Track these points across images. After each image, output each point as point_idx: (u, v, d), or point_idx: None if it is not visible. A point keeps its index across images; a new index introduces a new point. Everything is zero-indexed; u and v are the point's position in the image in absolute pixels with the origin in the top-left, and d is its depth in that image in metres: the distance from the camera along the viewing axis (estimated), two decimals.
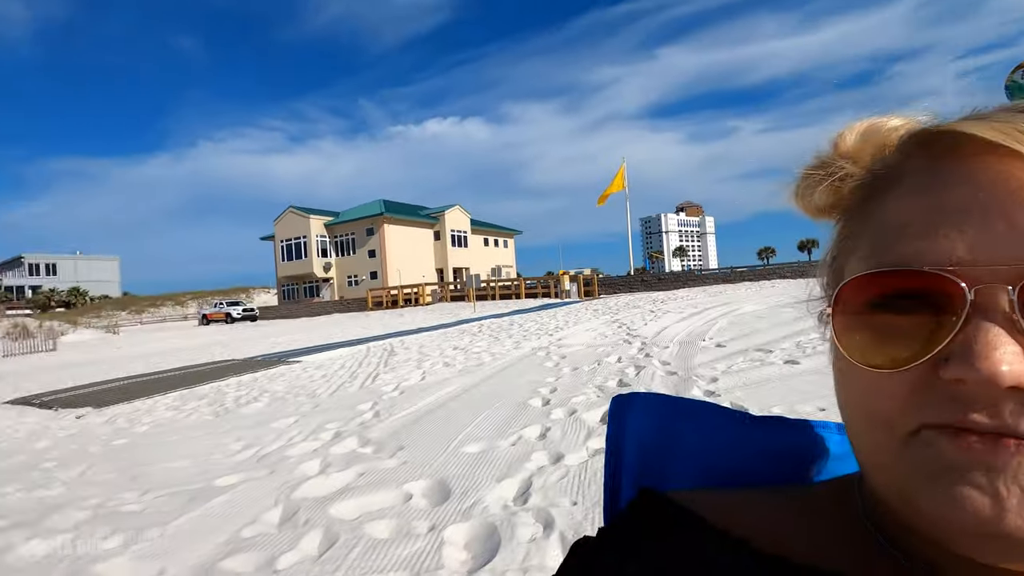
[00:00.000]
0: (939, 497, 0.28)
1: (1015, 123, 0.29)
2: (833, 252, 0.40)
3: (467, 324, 15.25)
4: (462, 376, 6.45)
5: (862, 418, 0.33)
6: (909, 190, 0.32)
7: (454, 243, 53.91)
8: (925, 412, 0.29)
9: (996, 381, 0.26)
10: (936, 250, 0.29)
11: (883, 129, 0.38)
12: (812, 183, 0.41)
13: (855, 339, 0.32)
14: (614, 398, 0.59)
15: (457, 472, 3.13)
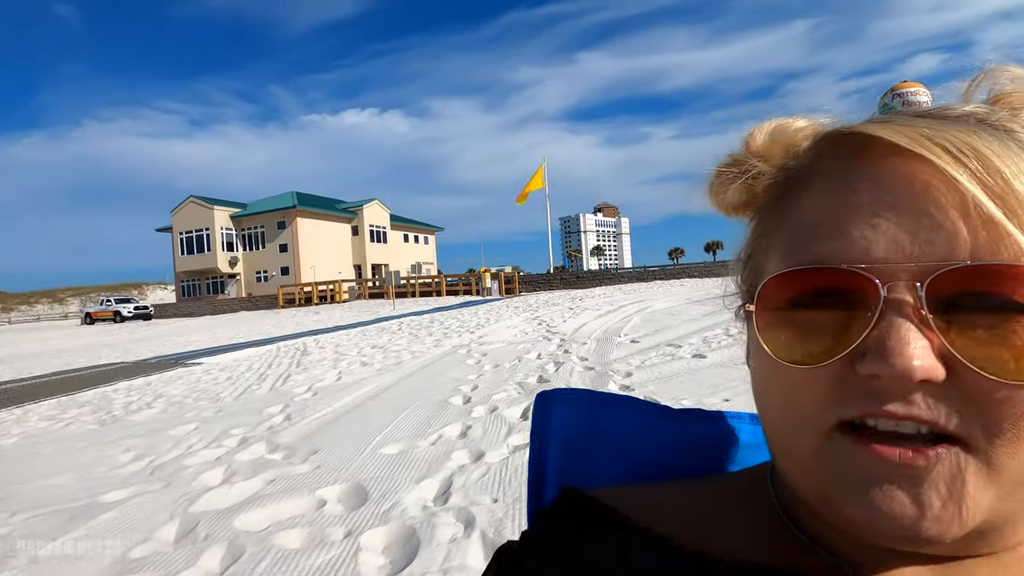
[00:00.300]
0: (859, 503, 0.29)
1: (918, 127, 0.30)
2: (748, 250, 0.40)
3: (386, 322, 14.88)
4: (381, 375, 6.28)
5: (782, 415, 0.33)
6: (822, 189, 0.33)
7: (373, 239, 52.42)
8: (843, 407, 0.29)
9: (909, 376, 0.27)
10: (851, 248, 0.30)
11: (790, 129, 0.39)
12: (725, 181, 0.41)
13: (776, 336, 0.32)
14: (538, 394, 0.57)
15: (375, 474, 3.03)
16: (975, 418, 0.27)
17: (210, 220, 47.07)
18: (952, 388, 0.27)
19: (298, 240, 46.05)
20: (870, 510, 0.29)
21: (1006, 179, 0.28)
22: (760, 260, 0.37)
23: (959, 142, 0.29)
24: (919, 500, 0.28)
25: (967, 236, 0.28)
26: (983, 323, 0.28)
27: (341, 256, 49.98)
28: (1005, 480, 0.28)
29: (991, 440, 0.27)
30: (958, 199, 0.28)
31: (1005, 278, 0.27)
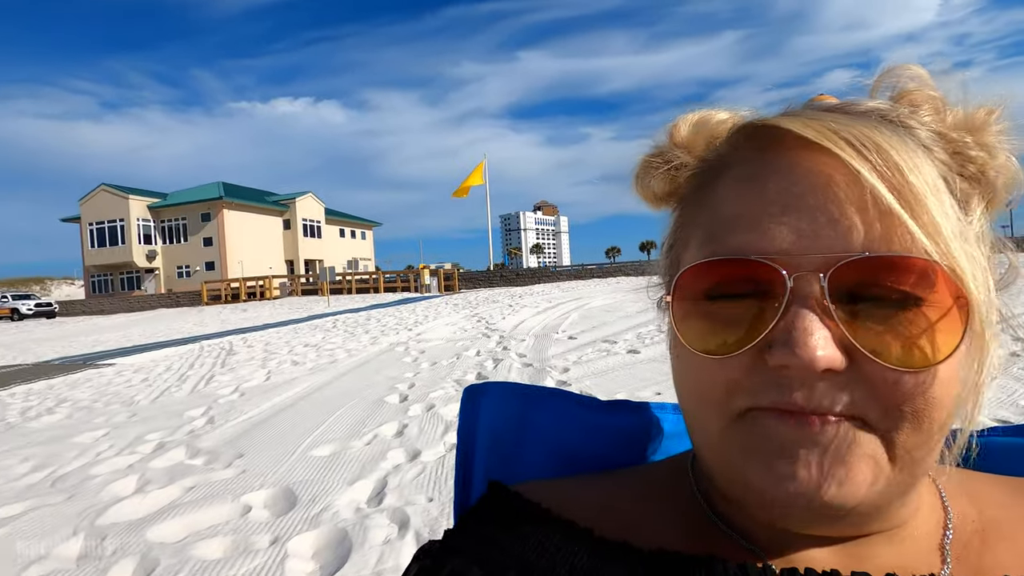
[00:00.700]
0: (763, 473, 0.30)
1: (824, 121, 0.31)
2: (670, 240, 0.41)
3: (320, 319, 14.39)
4: (313, 374, 6.06)
5: (696, 401, 0.34)
6: (736, 181, 0.34)
7: (306, 233, 50.49)
8: (753, 396, 0.30)
9: (813, 366, 0.28)
10: (761, 240, 0.31)
11: (712, 121, 0.40)
12: (650, 171, 0.42)
13: (691, 326, 0.33)
14: (466, 388, 0.56)
15: (305, 477, 2.91)
16: (873, 402, 0.29)
17: (125, 210, 43.72)
18: (851, 376, 0.29)
19: (224, 233, 43.63)
20: (775, 478, 0.29)
21: (903, 173, 0.29)
22: (680, 251, 0.38)
23: (862, 136, 0.30)
24: (820, 466, 0.29)
25: (866, 228, 0.29)
26: (878, 312, 0.29)
27: (272, 251, 47.82)
28: (899, 458, 0.29)
29: (887, 423, 0.29)
30: (859, 192, 0.29)
31: (898, 269, 0.28)
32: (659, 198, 0.43)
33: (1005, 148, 0.34)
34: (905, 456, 0.29)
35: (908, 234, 0.28)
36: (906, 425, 0.29)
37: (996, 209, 0.35)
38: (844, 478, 0.29)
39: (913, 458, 0.30)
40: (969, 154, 0.33)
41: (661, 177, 0.41)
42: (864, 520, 0.32)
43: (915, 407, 0.29)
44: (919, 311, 0.29)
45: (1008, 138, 0.34)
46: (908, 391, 0.29)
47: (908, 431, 0.29)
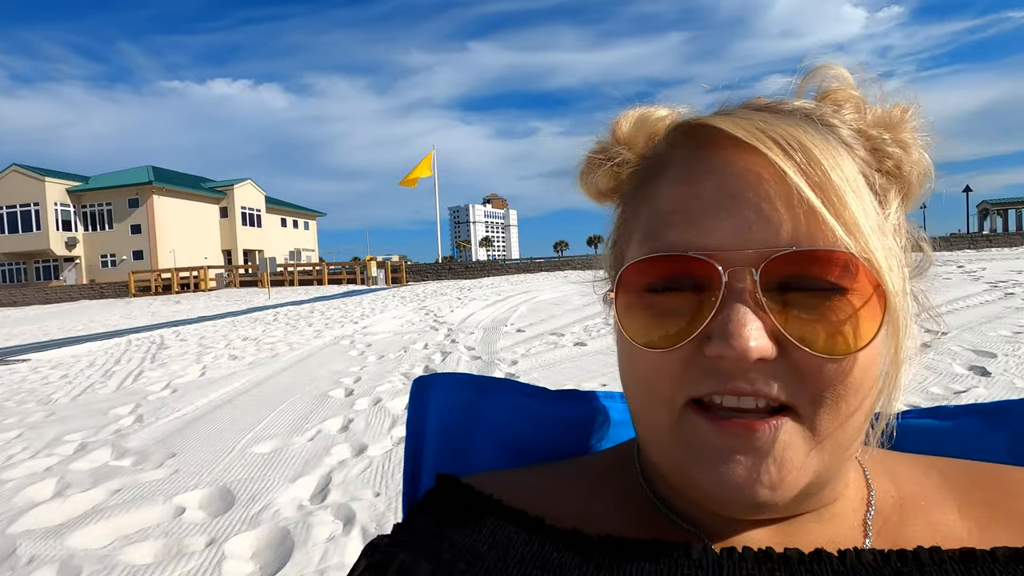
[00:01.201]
0: (709, 474, 0.31)
1: (754, 120, 0.33)
2: (614, 236, 0.42)
3: (260, 312, 13.84)
4: (253, 369, 5.82)
5: (642, 394, 0.35)
6: (674, 178, 0.35)
7: (245, 222, 48.32)
8: (693, 386, 0.32)
9: (747, 356, 0.29)
10: (699, 237, 0.32)
11: (652, 118, 0.41)
12: (594, 167, 0.43)
13: (634, 320, 0.34)
14: (415, 380, 0.55)
15: (243, 475, 2.80)
16: (802, 389, 0.31)
17: (40, 193, 40.38)
18: (782, 363, 0.31)
19: (155, 220, 41.12)
20: (718, 481, 0.31)
21: (825, 171, 0.31)
22: (623, 247, 0.39)
23: (788, 135, 0.32)
24: (758, 469, 0.31)
25: (794, 224, 0.31)
26: (805, 303, 0.31)
27: (208, 240, 45.50)
28: (827, 443, 0.32)
29: (815, 408, 0.31)
30: (786, 189, 0.31)
31: (822, 262, 0.30)
32: (602, 194, 0.44)
33: (919, 144, 0.37)
34: (830, 441, 0.32)
35: (830, 229, 0.30)
36: (830, 410, 0.31)
37: (911, 202, 0.38)
38: (777, 477, 0.31)
39: (838, 442, 0.32)
40: (887, 150, 0.36)
41: (605, 173, 0.42)
42: (797, 503, 0.34)
43: (838, 392, 0.31)
44: (842, 301, 0.31)
45: (921, 135, 0.37)
46: (832, 377, 0.31)
47: (832, 416, 0.31)
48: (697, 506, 0.37)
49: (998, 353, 4.31)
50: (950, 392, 3.41)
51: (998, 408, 0.48)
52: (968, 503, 0.37)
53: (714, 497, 0.32)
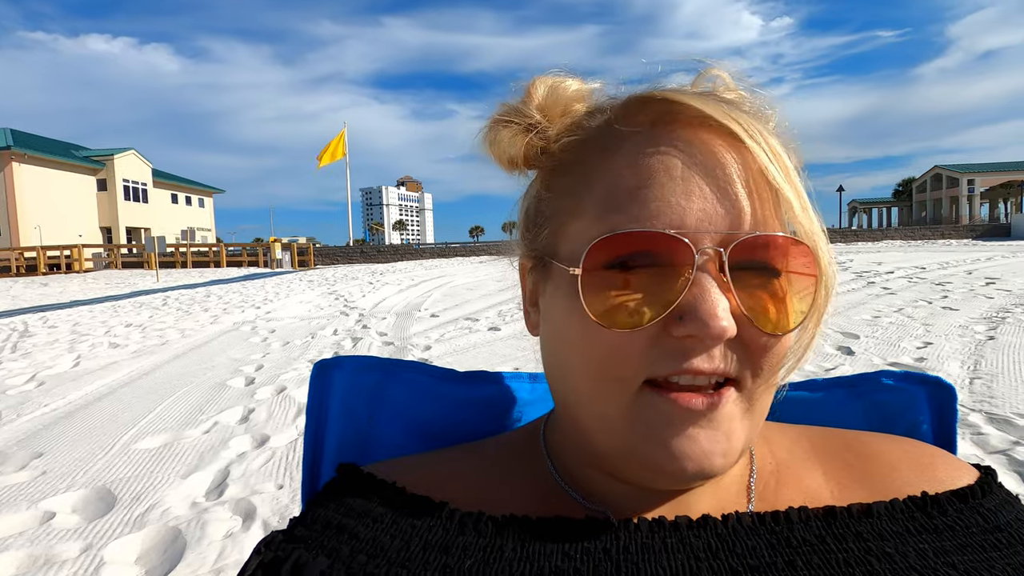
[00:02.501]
0: (661, 452, 0.32)
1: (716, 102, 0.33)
2: (548, 210, 0.39)
3: (147, 296, 12.61)
4: (138, 358, 5.31)
5: (594, 377, 0.34)
6: (632, 152, 0.34)
7: (129, 196, 43.62)
8: (655, 366, 0.32)
9: (722, 335, 0.30)
10: (670, 214, 0.32)
11: (566, 87, 0.40)
12: (505, 132, 0.40)
13: (599, 300, 0.32)
14: (316, 363, 0.52)
15: (126, 474, 2.56)
16: (747, 363, 0.33)
17: None
18: (736, 341, 0.32)
19: (14, 191, 35.99)
20: (677, 454, 0.32)
21: (781, 157, 0.32)
22: (565, 220, 0.37)
23: (748, 121, 0.33)
24: (712, 440, 0.32)
25: (755, 207, 0.32)
26: (759, 284, 0.32)
27: (83, 216, 40.62)
28: (756, 411, 0.34)
29: (754, 380, 0.33)
30: (747, 172, 0.32)
31: (780, 246, 0.32)
32: (514, 162, 0.41)
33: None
34: (758, 409, 0.34)
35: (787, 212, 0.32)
36: (764, 382, 0.33)
37: None
38: (728, 446, 0.32)
39: (762, 411, 0.35)
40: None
41: (519, 139, 0.40)
42: None
43: (772, 366, 0.33)
44: (787, 283, 0.33)
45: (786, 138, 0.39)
46: (773, 353, 0.33)
47: (765, 387, 0.34)
48: (601, 482, 0.38)
49: (860, 335, 4.89)
50: (821, 370, 3.82)
51: (857, 380, 0.54)
52: (831, 467, 0.41)
53: (670, 471, 0.32)
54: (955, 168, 54.77)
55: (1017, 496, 0.39)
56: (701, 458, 0.32)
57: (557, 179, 0.39)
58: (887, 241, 31.27)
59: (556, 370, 0.38)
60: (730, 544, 0.34)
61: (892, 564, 0.33)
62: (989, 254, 15.66)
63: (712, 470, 0.32)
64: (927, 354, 4.15)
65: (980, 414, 2.83)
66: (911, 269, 11.43)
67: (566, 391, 0.37)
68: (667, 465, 0.32)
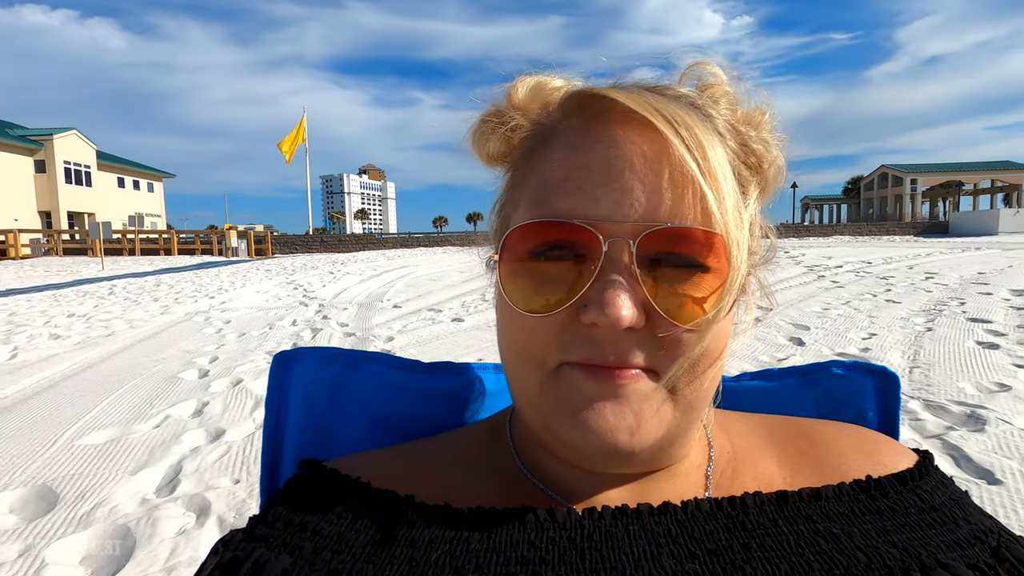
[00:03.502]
0: (570, 426, 0.33)
1: (646, 97, 0.34)
2: (501, 201, 0.42)
3: (91, 284, 11.99)
4: (81, 350, 5.06)
5: (517, 357, 0.36)
6: (564, 147, 0.36)
7: (70, 179, 41.22)
8: (567, 351, 0.33)
9: (619, 324, 0.31)
10: (584, 205, 0.33)
11: (548, 87, 0.41)
12: (487, 130, 0.42)
13: (515, 285, 0.34)
14: (276, 355, 0.51)
15: (70, 471, 2.44)
16: (663, 355, 0.33)
17: None
18: (647, 332, 0.33)
19: None
20: (579, 430, 0.33)
21: (705, 152, 0.33)
22: (509, 211, 0.39)
23: (676, 115, 0.33)
24: (617, 414, 0.33)
25: (671, 200, 0.33)
26: (672, 276, 0.33)
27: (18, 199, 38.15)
28: (680, 401, 0.34)
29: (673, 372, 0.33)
30: (667, 166, 0.33)
31: (692, 239, 0.33)
32: (493, 158, 0.43)
33: (776, 144, 0.41)
34: (685, 403, 0.35)
35: (702, 206, 0.32)
36: (686, 376, 0.34)
37: (767, 197, 0.41)
38: (636, 427, 0.33)
39: (691, 403, 0.35)
40: (752, 146, 0.39)
41: (497, 137, 0.42)
42: (652, 459, 0.37)
43: (694, 360, 0.33)
44: (703, 276, 0.33)
45: (777, 135, 0.41)
46: (689, 346, 0.33)
47: (687, 381, 0.34)
48: (563, 470, 0.39)
49: (811, 326, 5.10)
50: (775, 360, 3.97)
51: (809, 370, 0.56)
52: (785, 453, 0.43)
53: (577, 445, 0.33)
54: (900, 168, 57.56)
55: (951, 478, 0.42)
56: (605, 432, 0.33)
57: (511, 172, 0.41)
58: (837, 236, 32.67)
59: (500, 354, 0.39)
60: (689, 529, 0.36)
61: (839, 544, 0.35)
62: (929, 250, 16.57)
63: (618, 446, 0.33)
64: (872, 344, 4.37)
65: (918, 401, 3.00)
66: (858, 264, 11.98)
67: (507, 374, 0.39)
68: (576, 439, 0.33)
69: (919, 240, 26.64)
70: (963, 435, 2.51)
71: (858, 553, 0.34)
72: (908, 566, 0.33)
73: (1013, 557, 0.34)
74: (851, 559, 0.34)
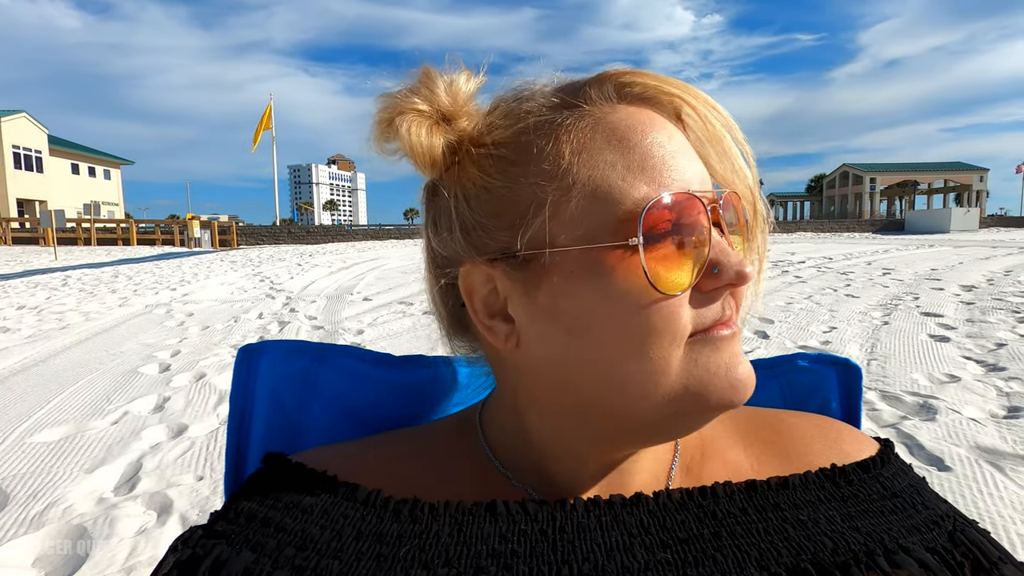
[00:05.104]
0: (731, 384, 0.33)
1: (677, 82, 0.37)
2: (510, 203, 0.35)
3: (43, 275, 11.47)
4: (32, 344, 4.84)
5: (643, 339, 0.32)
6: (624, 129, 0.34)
7: (19, 165, 39.30)
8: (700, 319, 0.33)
9: (748, 279, 0.33)
10: (683, 179, 0.34)
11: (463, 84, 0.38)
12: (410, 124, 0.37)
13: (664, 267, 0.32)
14: (241, 348, 0.49)
15: (20, 470, 2.34)
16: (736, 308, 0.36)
17: None
18: None
19: None
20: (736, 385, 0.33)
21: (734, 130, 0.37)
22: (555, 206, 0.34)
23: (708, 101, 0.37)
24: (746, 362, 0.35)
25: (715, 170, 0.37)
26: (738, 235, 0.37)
27: None
28: None
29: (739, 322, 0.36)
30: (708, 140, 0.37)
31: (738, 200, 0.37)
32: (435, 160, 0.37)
33: None
34: None
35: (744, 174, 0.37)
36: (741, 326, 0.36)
37: None
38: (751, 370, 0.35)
39: None
40: None
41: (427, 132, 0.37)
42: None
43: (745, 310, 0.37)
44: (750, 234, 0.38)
45: None
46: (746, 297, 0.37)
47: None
48: (533, 463, 0.39)
49: (775, 320, 5.25)
50: None
51: (775, 362, 0.58)
52: (751, 442, 0.43)
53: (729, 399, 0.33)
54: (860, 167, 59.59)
55: (910, 465, 0.43)
56: (748, 379, 0.34)
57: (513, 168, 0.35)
58: (800, 232, 33.64)
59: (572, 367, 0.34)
60: (660, 519, 0.36)
61: (806, 530, 0.35)
62: (886, 247, 17.23)
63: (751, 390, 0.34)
64: (832, 338, 4.52)
65: (875, 392, 3.12)
66: (820, 259, 12.37)
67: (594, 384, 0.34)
68: (728, 393, 0.33)
69: (877, 237, 27.68)
70: (916, 424, 2.62)
71: (824, 539, 0.35)
72: (872, 550, 0.34)
73: (968, 540, 0.36)
74: (818, 545, 0.34)
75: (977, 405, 2.85)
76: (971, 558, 0.35)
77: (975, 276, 8.53)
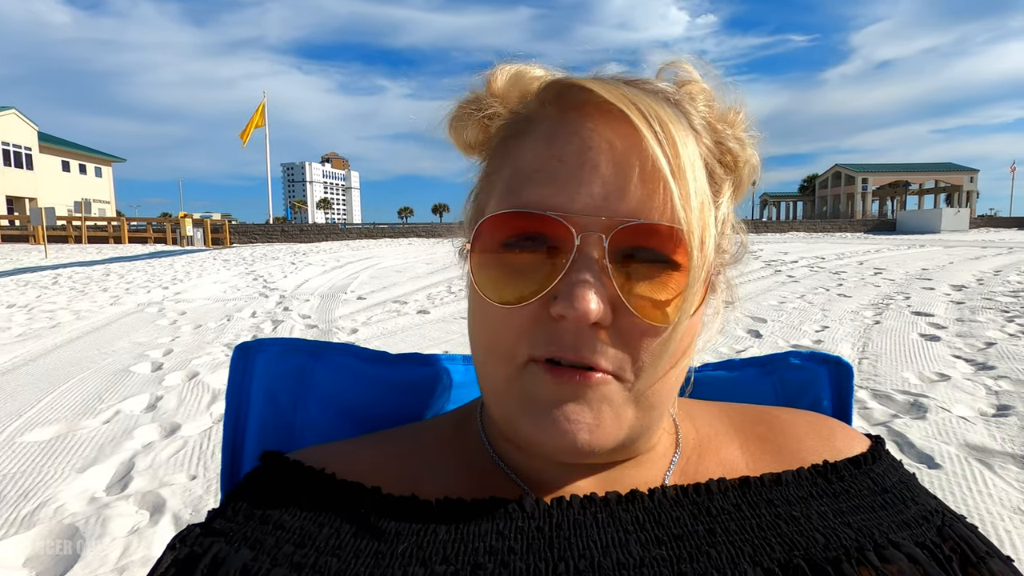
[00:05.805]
0: (533, 425, 0.33)
1: (623, 89, 0.34)
2: (476, 190, 0.41)
3: (33, 273, 11.35)
4: (21, 343, 4.79)
5: (487, 350, 0.36)
6: (540, 137, 0.35)
7: (9, 162, 38.85)
8: (535, 345, 0.33)
9: (587, 318, 0.31)
10: (558, 198, 0.33)
11: (527, 76, 0.41)
12: (465, 116, 0.41)
13: (487, 275, 0.34)
14: (237, 346, 0.49)
15: (11, 470, 2.32)
16: (626, 355, 0.33)
17: None
18: (613, 328, 0.33)
19: None
20: (542, 429, 0.33)
21: (677, 149, 0.32)
22: (483, 200, 0.39)
23: (651, 110, 0.33)
24: (577, 414, 0.33)
25: (641, 196, 0.33)
26: (642, 272, 0.33)
27: None
28: (643, 403, 0.35)
29: (636, 373, 0.34)
30: (641, 161, 0.33)
31: (661, 235, 0.32)
32: (470, 145, 0.43)
33: (750, 143, 0.41)
34: (647, 401, 0.35)
35: (671, 202, 0.32)
36: (649, 374, 0.34)
37: (740, 195, 0.42)
38: (595, 427, 0.33)
39: (652, 402, 0.35)
40: (727, 144, 0.39)
41: (475, 125, 0.41)
42: (617, 453, 0.37)
43: (657, 357, 0.33)
44: (671, 274, 0.33)
45: (751, 134, 0.42)
46: (655, 343, 0.33)
47: (650, 379, 0.34)
48: (531, 460, 0.39)
49: (768, 319, 5.28)
50: (734, 351, 4.09)
51: (768, 360, 0.58)
52: (746, 439, 0.44)
53: (539, 443, 0.33)
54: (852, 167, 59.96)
55: (900, 461, 0.44)
56: (564, 432, 0.33)
57: (487, 161, 0.41)
58: (793, 232, 33.83)
59: (471, 346, 0.39)
60: (656, 516, 0.36)
61: (798, 526, 0.36)
62: (878, 247, 17.35)
63: (576, 445, 0.33)
64: (824, 337, 4.55)
65: (866, 390, 3.15)
66: (812, 259, 12.44)
67: (476, 367, 0.38)
68: (535, 435, 0.33)
69: (869, 237, 27.87)
70: (907, 422, 2.65)
71: (816, 534, 0.35)
72: (863, 546, 0.34)
73: (956, 535, 0.36)
74: (810, 540, 0.35)
75: (967, 403, 2.88)
76: (959, 552, 0.35)
77: (965, 276, 8.61)
